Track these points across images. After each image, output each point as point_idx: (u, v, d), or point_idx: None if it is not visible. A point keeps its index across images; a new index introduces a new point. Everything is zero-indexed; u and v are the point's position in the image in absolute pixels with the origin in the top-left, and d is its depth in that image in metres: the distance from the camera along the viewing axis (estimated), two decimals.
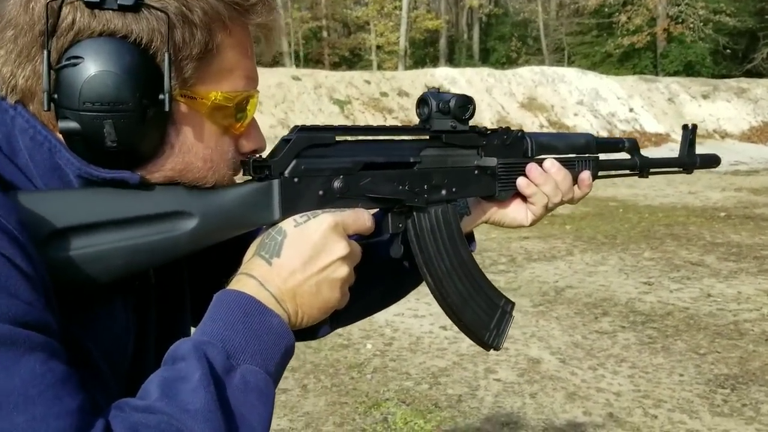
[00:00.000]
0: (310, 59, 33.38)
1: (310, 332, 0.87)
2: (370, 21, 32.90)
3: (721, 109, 20.47)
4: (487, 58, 35.95)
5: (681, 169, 1.25)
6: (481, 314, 0.98)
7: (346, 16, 34.47)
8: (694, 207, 10.03)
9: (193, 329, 0.73)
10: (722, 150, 17.93)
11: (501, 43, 37.25)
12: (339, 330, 4.28)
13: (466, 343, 4.46)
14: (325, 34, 35.69)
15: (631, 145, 1.17)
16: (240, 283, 0.73)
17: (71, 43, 0.66)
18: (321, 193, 0.81)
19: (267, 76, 15.70)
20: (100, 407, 0.60)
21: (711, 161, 1.29)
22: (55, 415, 0.55)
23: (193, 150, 0.74)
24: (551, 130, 17.40)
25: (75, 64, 0.66)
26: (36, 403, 0.54)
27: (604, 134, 17.82)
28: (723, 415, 3.45)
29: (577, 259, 6.85)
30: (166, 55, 0.67)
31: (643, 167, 1.18)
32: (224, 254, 0.83)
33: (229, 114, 0.75)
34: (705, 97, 20.84)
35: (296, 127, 0.81)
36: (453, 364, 4.11)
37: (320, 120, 14.49)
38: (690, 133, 1.25)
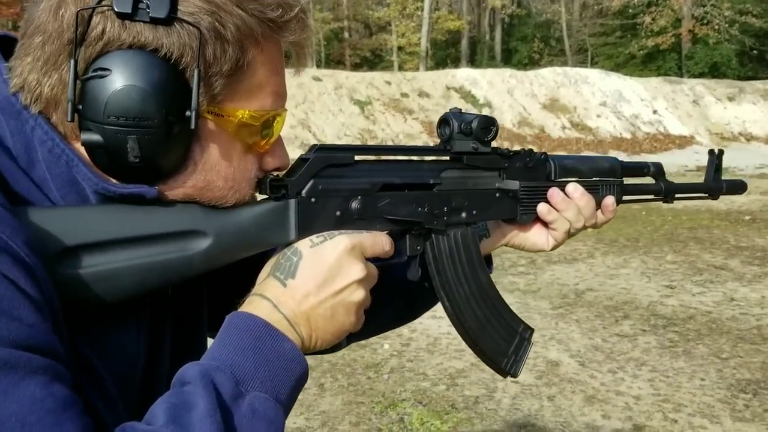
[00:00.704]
0: (331, 60, 33.49)
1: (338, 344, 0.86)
2: (391, 22, 32.91)
3: (747, 111, 20.18)
4: (509, 59, 35.80)
5: (707, 195, 1.23)
6: (499, 340, 0.96)
7: (367, 17, 34.53)
8: (718, 210, 9.88)
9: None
10: (748, 153, 17.68)
11: (523, 44, 37.06)
12: None
13: None
14: (346, 35, 35.79)
15: (657, 169, 1.15)
16: (253, 304, 0.71)
17: (99, 54, 0.65)
18: (338, 213, 0.79)
19: (288, 77, 15.79)
20: (107, 429, 0.60)
21: (737, 187, 1.26)
22: None
23: (215, 168, 0.72)
24: (573, 131, 17.28)
25: (102, 76, 0.64)
26: (33, 430, 0.53)
27: (627, 136, 17.66)
28: (744, 420, 3.39)
29: (599, 262, 6.79)
30: (196, 71, 0.65)
31: (668, 192, 1.16)
32: (241, 273, 0.82)
33: (255, 132, 0.73)
34: (731, 99, 20.56)
35: (315, 145, 0.80)
36: (470, 365, 4.09)
37: (340, 120, 14.53)
38: (716, 158, 1.22)
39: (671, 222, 8.87)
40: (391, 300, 0.99)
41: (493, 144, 0.95)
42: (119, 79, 0.64)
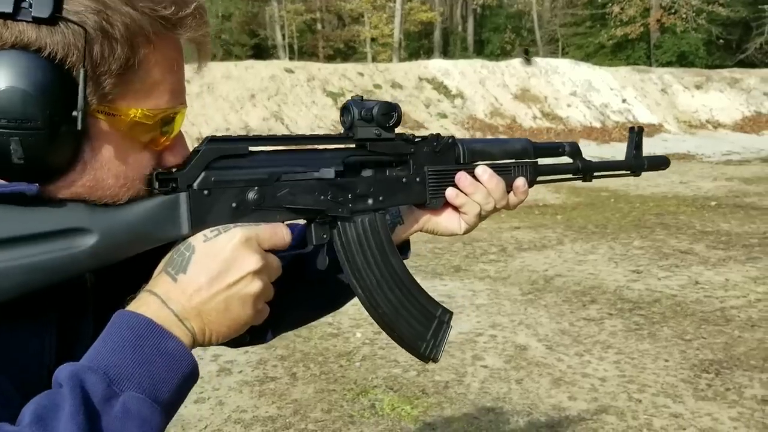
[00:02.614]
0: (304, 52, 33.33)
1: (257, 336, 0.86)
2: (364, 13, 32.82)
3: (714, 99, 20.53)
4: (481, 50, 35.91)
5: (628, 172, 1.23)
6: (416, 325, 0.95)
7: (340, 9, 34.36)
8: (685, 196, 10.08)
9: None
10: (715, 140, 18.01)
11: (495, 35, 37.18)
12: (329, 320, 4.29)
13: (454, 332, 4.49)
14: (319, 26, 35.62)
15: (572, 149, 1.15)
16: (141, 301, 0.70)
17: None
18: (234, 205, 0.78)
19: (260, 69, 15.70)
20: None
21: (660, 163, 1.27)
22: None
23: (106, 167, 0.71)
24: (544, 121, 17.44)
25: None
26: None
27: (597, 125, 17.87)
28: (706, 399, 3.49)
29: (568, 249, 6.90)
30: (82, 71, 0.65)
31: (585, 171, 1.16)
32: (141, 268, 0.79)
33: (151, 129, 0.73)
34: (698, 87, 20.89)
35: (207, 137, 0.78)
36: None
37: (313, 112, 14.51)
38: (636, 135, 1.23)
39: (639, 208, 9.03)
40: (310, 290, 0.99)
41: (459, 133, 0.96)
42: (1, 81, 0.63)
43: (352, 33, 34.78)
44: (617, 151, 16.20)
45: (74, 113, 0.66)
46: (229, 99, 14.35)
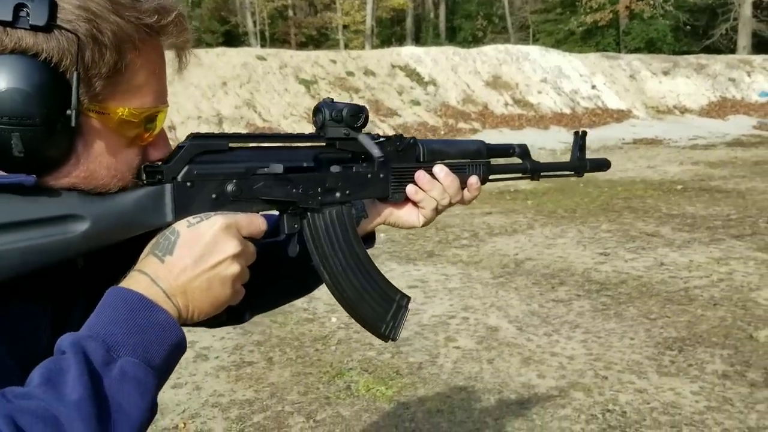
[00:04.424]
0: (276, 39, 33.06)
1: (235, 318, 0.94)
2: (336, 0, 32.66)
3: (681, 85, 20.85)
4: (453, 36, 35.96)
5: (573, 173, 1.33)
6: (377, 308, 1.04)
7: None
8: (652, 180, 10.29)
9: None
10: (682, 125, 18.32)
11: (467, 22, 37.26)
12: (304, 305, 4.36)
13: (427, 315, 4.60)
14: (290, 13, 35.34)
15: (522, 150, 1.25)
16: (132, 279, 0.77)
17: None
18: (214, 196, 0.85)
19: (232, 56, 15.57)
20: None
21: (601, 165, 1.37)
22: None
23: (98, 159, 0.78)
24: (516, 107, 17.58)
25: None
26: None
27: (567, 111, 18.06)
28: (670, 375, 3.64)
29: (537, 233, 7.04)
30: (75, 73, 0.72)
31: (534, 171, 1.26)
32: (127, 255, 0.86)
33: (136, 126, 0.80)
34: (665, 73, 21.20)
35: (191, 134, 0.86)
36: (414, 333, 4.24)
37: (286, 100, 14.45)
38: (580, 139, 1.33)
39: (607, 193, 9.21)
40: (282, 275, 1.08)
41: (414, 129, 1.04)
42: (1, 82, 0.70)
43: (324, 20, 34.59)
44: (587, 137, 16.41)
45: (68, 111, 0.72)
46: (200, 87, 14.22)
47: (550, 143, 15.14)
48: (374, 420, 3.21)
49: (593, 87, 19.34)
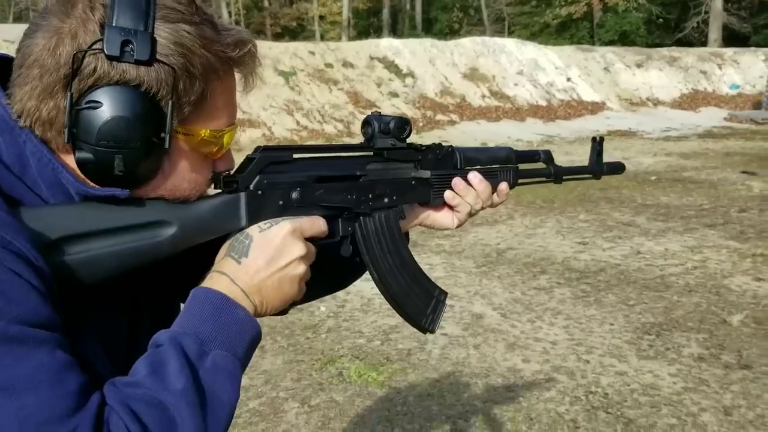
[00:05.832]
0: (251, 30, 32.77)
1: (281, 311, 1.04)
2: None
3: (654, 77, 21.17)
4: (429, 28, 36.05)
5: (591, 176, 1.44)
6: (420, 303, 1.13)
7: None
8: (627, 172, 10.45)
9: None
10: (655, 117, 18.64)
11: (443, 14, 37.37)
12: None
13: None
14: (266, 3, 35.12)
15: (546, 156, 1.35)
16: (213, 279, 0.86)
17: (90, 87, 0.77)
18: (281, 203, 0.94)
19: None
20: (99, 386, 0.75)
21: (617, 168, 1.48)
22: (59, 396, 0.68)
23: (181, 174, 0.87)
24: (493, 100, 17.73)
25: (95, 107, 0.77)
26: (42, 388, 0.67)
27: (543, 104, 18.26)
28: (648, 358, 3.79)
29: (518, 223, 7.18)
30: (170, 102, 0.79)
31: (557, 175, 1.36)
32: (201, 257, 0.95)
33: (214, 144, 0.88)
34: (639, 66, 21.51)
35: (259, 147, 0.95)
36: (403, 321, 4.32)
37: (265, 92, 14.42)
38: (598, 144, 1.43)
39: (584, 184, 9.37)
40: (326, 273, 1.17)
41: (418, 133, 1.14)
42: (109, 111, 0.78)
43: (300, 11, 34.45)
44: (562, 128, 16.64)
45: (162, 135, 0.81)
46: None
47: (526, 135, 15.34)
48: (367, 404, 3.32)
49: (568, 79, 19.56)
